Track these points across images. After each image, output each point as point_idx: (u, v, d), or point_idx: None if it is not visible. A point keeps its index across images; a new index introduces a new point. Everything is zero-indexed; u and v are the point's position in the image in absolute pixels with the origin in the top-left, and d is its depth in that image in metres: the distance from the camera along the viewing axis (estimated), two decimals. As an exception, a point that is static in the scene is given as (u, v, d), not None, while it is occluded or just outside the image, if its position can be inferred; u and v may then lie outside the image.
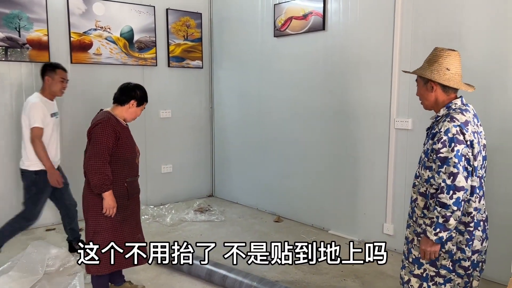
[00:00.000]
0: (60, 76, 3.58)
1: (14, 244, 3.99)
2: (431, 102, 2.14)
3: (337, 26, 4.12)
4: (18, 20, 4.16)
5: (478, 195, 2.06)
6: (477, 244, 2.07)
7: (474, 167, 2.00)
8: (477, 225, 2.07)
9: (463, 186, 1.93)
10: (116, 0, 4.75)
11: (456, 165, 1.92)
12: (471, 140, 1.97)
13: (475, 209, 2.05)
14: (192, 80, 5.48)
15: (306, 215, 4.62)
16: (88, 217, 2.74)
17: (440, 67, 2.07)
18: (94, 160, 2.59)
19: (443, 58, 2.08)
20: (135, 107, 2.81)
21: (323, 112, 4.32)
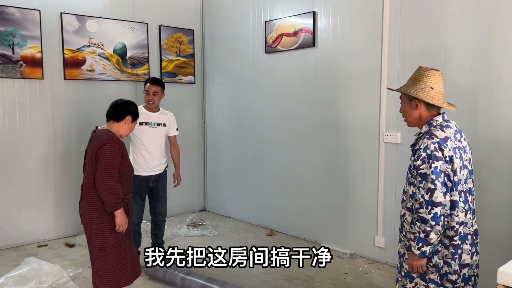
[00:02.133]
0: (146, 89, 3.84)
1: (6, 261, 3.97)
2: (414, 119, 2.20)
3: (326, 43, 4.22)
4: (12, 37, 4.20)
5: (464, 209, 2.08)
6: (466, 258, 2.09)
7: (455, 182, 2.03)
8: (464, 238, 2.10)
9: (440, 201, 1.98)
10: (109, 17, 4.82)
11: (434, 181, 1.98)
12: (450, 155, 2.01)
13: (458, 223, 2.07)
14: (185, 95, 5.54)
15: (298, 228, 4.65)
16: (93, 235, 2.71)
17: (424, 85, 2.14)
18: (107, 180, 2.60)
19: (427, 77, 2.15)
20: (130, 122, 2.86)
21: (314, 126, 4.39)
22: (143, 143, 3.79)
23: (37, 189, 4.48)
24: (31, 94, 4.39)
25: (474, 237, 2.15)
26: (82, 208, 2.76)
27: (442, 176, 1.99)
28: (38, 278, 3.19)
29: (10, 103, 4.27)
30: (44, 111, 4.46)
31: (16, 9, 4.21)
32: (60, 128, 4.58)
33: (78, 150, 4.67)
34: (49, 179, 4.55)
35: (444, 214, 2.00)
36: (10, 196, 4.34)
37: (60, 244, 4.44)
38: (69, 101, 4.61)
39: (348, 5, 4.02)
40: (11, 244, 4.34)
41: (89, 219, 2.71)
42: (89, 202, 2.70)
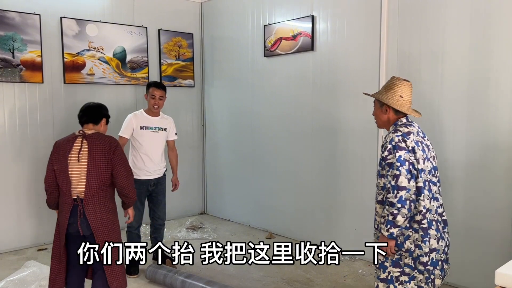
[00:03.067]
0: (151, 93, 3.83)
1: (6, 264, 3.97)
2: (383, 121, 2.47)
3: (325, 46, 4.25)
4: (12, 41, 4.22)
5: (428, 196, 2.27)
6: (433, 243, 2.26)
7: (418, 170, 2.23)
8: (430, 224, 2.27)
9: (405, 186, 2.19)
10: (109, 22, 4.84)
11: (399, 168, 2.20)
12: (412, 146, 2.25)
13: (425, 208, 2.24)
14: (184, 99, 5.56)
15: (297, 231, 4.66)
16: (110, 236, 2.67)
17: (395, 94, 2.40)
18: (131, 179, 2.80)
19: (398, 87, 2.41)
20: (105, 125, 2.92)
21: (313, 129, 4.41)
22: (143, 147, 3.80)
23: (37, 193, 4.48)
24: (31, 98, 4.41)
25: (440, 225, 2.34)
26: (90, 213, 2.63)
27: (407, 164, 2.21)
28: (38, 281, 3.20)
29: (10, 107, 4.29)
30: (44, 115, 4.48)
31: (17, 13, 4.23)
32: (60, 132, 4.58)
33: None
34: (49, 182, 4.55)
35: (409, 198, 2.20)
36: (10, 200, 4.35)
37: (60, 248, 4.44)
38: (69, 105, 4.63)
39: (346, 9, 4.05)
40: (11, 248, 4.35)
41: (102, 222, 2.65)
42: (100, 205, 2.66)
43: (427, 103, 3.51)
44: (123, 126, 3.85)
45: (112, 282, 2.68)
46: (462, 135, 3.35)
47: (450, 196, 3.43)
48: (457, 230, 3.39)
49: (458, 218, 3.39)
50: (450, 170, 3.41)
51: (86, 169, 2.63)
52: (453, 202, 3.41)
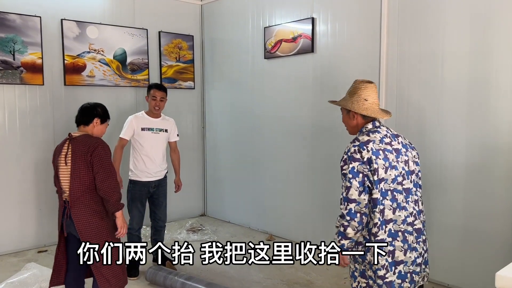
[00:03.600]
0: (152, 95, 3.85)
1: (7, 266, 3.97)
2: (352, 127, 2.39)
3: (325, 48, 4.25)
4: (12, 43, 4.23)
5: (391, 207, 2.18)
6: (399, 255, 2.18)
7: (375, 181, 2.15)
8: (394, 235, 2.18)
9: (354, 199, 2.15)
10: (110, 24, 4.85)
11: (350, 179, 2.16)
12: (368, 157, 2.16)
13: (382, 221, 2.16)
14: (184, 101, 5.56)
15: (298, 233, 4.66)
16: (94, 240, 2.63)
17: (359, 98, 2.33)
18: (109, 181, 2.62)
19: (361, 90, 2.34)
20: (100, 124, 2.84)
21: (313, 131, 4.41)
22: (144, 148, 3.80)
23: (37, 194, 4.49)
24: (32, 100, 4.41)
25: (410, 235, 2.21)
26: (76, 217, 2.65)
27: (360, 176, 2.15)
28: (39, 283, 3.20)
29: (10, 109, 4.29)
30: (44, 117, 4.48)
31: (17, 15, 4.24)
32: (60, 134, 4.58)
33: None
34: (49, 184, 4.54)
35: (360, 211, 2.15)
36: (10, 202, 4.35)
37: (60, 250, 4.44)
38: (69, 107, 4.62)
39: (347, 11, 4.05)
40: (11, 249, 4.35)
41: (88, 226, 2.65)
42: (85, 209, 2.65)
43: (427, 105, 3.51)
44: (124, 127, 3.85)
45: (103, 286, 2.68)
46: (462, 136, 3.35)
47: (449, 198, 3.43)
48: (456, 232, 3.40)
49: (457, 220, 3.39)
50: (450, 171, 3.41)
51: (69, 172, 2.65)
52: (452, 203, 3.42)
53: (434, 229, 3.45)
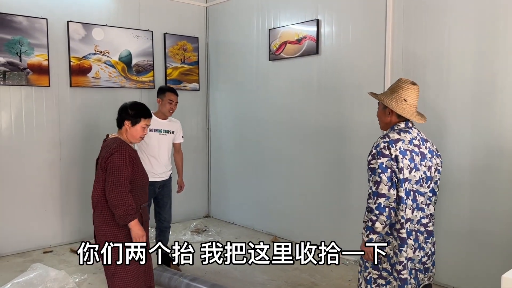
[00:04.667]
0: (168, 98, 3.89)
1: (12, 267, 4.00)
2: (385, 124, 2.40)
3: (330, 50, 4.25)
4: (19, 45, 4.26)
5: (411, 207, 2.23)
6: (409, 252, 2.23)
7: (400, 179, 2.18)
8: (409, 234, 2.24)
9: (384, 193, 2.17)
10: (115, 25, 4.88)
11: (380, 174, 2.18)
12: (396, 155, 2.18)
13: (404, 218, 2.21)
14: (189, 102, 5.58)
15: (302, 234, 4.65)
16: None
17: (399, 97, 2.32)
18: (116, 192, 2.43)
19: (403, 90, 2.33)
20: (131, 126, 2.63)
21: (318, 132, 4.41)
22: (151, 149, 3.82)
23: (43, 195, 4.52)
24: (38, 101, 4.44)
25: (421, 235, 2.29)
26: (95, 221, 2.58)
27: (389, 171, 2.17)
28: (44, 284, 3.22)
29: (17, 110, 4.32)
30: (50, 118, 4.51)
31: (24, 17, 4.27)
32: (65, 135, 4.62)
33: (83, 156, 4.73)
34: (54, 185, 4.59)
35: (389, 206, 2.18)
36: (16, 202, 4.37)
37: (65, 251, 4.46)
38: (75, 108, 4.66)
39: (351, 13, 4.06)
40: (17, 250, 4.37)
41: (103, 233, 2.52)
42: (101, 215, 2.53)
43: (432, 106, 3.50)
44: None
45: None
46: (467, 137, 3.34)
47: (455, 200, 3.42)
48: (462, 234, 3.38)
49: (463, 222, 3.37)
50: (455, 173, 3.40)
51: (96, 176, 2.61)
52: (458, 205, 3.40)
53: (439, 232, 3.42)
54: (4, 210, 4.29)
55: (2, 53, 4.17)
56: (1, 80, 4.18)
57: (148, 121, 2.68)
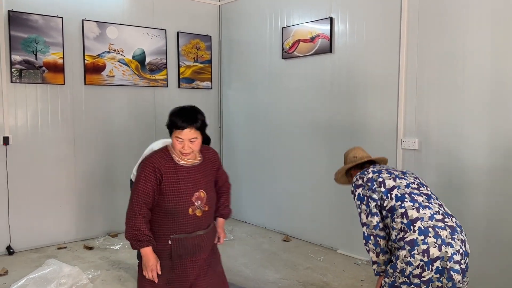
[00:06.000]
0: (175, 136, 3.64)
1: (27, 262, 4.06)
2: None
3: (344, 48, 4.22)
4: (35, 44, 4.31)
5: (413, 207, 2.18)
6: (434, 251, 2.07)
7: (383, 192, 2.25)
8: (425, 232, 2.11)
9: (364, 222, 2.28)
10: (129, 24, 4.91)
11: (359, 205, 2.31)
12: (369, 177, 2.33)
13: (410, 220, 2.14)
14: (202, 101, 5.59)
15: (314, 234, 4.64)
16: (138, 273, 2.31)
17: (349, 159, 2.61)
18: (128, 210, 2.16)
19: (348, 153, 2.64)
20: (169, 136, 2.26)
21: (331, 132, 4.39)
22: None
23: (57, 192, 4.57)
24: (53, 99, 4.49)
25: (442, 230, 2.12)
26: None
27: (365, 199, 2.29)
28: (59, 279, 3.26)
29: (32, 107, 4.38)
30: (64, 115, 4.56)
31: (40, 16, 4.32)
32: (79, 132, 4.67)
33: (97, 154, 4.78)
34: (69, 182, 4.64)
35: (372, 233, 2.26)
36: (31, 199, 4.44)
37: (79, 247, 4.51)
38: (89, 106, 4.71)
39: (366, 11, 4.02)
40: (32, 245, 4.44)
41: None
42: None
43: (447, 106, 3.46)
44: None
45: None
46: (483, 138, 3.28)
47: (470, 201, 3.37)
48: (477, 237, 3.33)
49: (478, 224, 3.32)
50: (471, 174, 3.35)
51: None
52: (473, 207, 3.35)
53: (453, 233, 3.38)
54: (20, 207, 4.35)
55: (19, 52, 4.23)
56: (18, 78, 4.24)
57: (179, 133, 2.16)
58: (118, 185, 4.86)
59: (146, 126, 5.09)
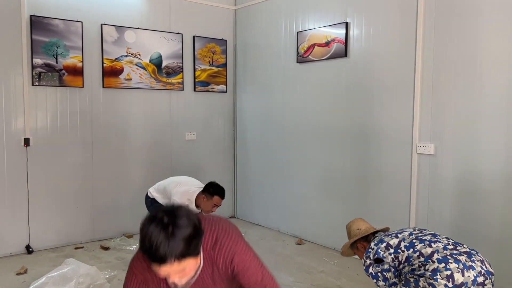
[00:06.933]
0: (215, 202, 3.74)
1: (46, 261, 4.14)
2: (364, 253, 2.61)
3: (359, 53, 4.23)
4: (56, 47, 4.41)
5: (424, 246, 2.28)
6: (458, 277, 2.09)
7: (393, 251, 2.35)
8: (444, 260, 2.15)
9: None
10: (146, 28, 4.99)
11: (377, 283, 2.44)
12: (375, 251, 2.42)
13: (426, 256, 2.22)
14: (217, 104, 5.65)
15: (328, 238, 4.65)
16: None
17: (353, 232, 2.69)
18: None
19: (351, 225, 2.73)
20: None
21: (345, 136, 4.40)
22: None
23: (75, 193, 4.66)
24: (72, 102, 4.59)
25: (461, 256, 2.18)
26: None
27: (379, 275, 2.40)
28: (77, 278, 3.32)
29: (52, 110, 4.48)
30: (83, 118, 4.65)
31: (60, 21, 4.42)
32: (97, 135, 4.75)
33: (114, 155, 4.86)
34: (86, 183, 4.73)
35: None
36: (50, 200, 4.53)
37: (96, 247, 4.59)
38: (107, 109, 4.79)
39: (381, 15, 4.03)
40: (50, 245, 4.53)
41: None
42: None
43: (464, 110, 3.45)
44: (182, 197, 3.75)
45: None
46: (501, 144, 3.26)
47: (486, 206, 3.35)
48: (492, 242, 3.31)
49: (494, 230, 3.30)
50: (488, 181, 3.33)
51: None
52: (489, 212, 3.33)
53: (468, 239, 3.37)
54: (39, 207, 4.45)
55: (40, 55, 4.33)
56: (36, 81, 4.34)
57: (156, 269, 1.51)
58: (134, 187, 4.93)
59: (162, 129, 5.17)
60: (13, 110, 4.26)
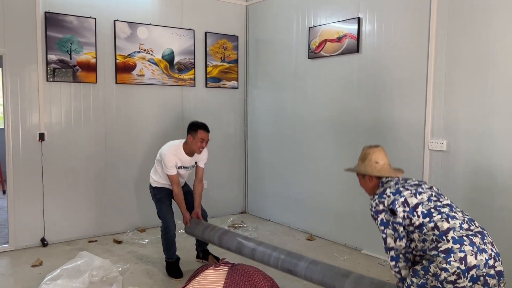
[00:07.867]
0: (200, 137, 3.71)
1: (60, 254, 4.22)
2: (370, 189, 2.62)
3: (371, 48, 4.21)
4: (70, 44, 4.47)
5: (442, 219, 2.25)
6: (471, 260, 2.10)
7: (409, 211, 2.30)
8: (460, 241, 2.15)
9: (392, 246, 2.36)
10: (159, 24, 5.02)
11: (383, 231, 2.38)
12: (391, 201, 2.35)
13: (442, 230, 2.20)
14: (228, 100, 5.67)
15: (338, 234, 4.65)
16: None
17: (370, 162, 2.58)
18: None
19: (371, 155, 2.59)
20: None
21: (356, 132, 4.38)
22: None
23: (89, 187, 4.73)
24: (85, 97, 4.65)
25: (475, 238, 2.19)
26: None
27: (391, 224, 2.35)
28: (91, 271, 3.39)
29: (66, 105, 4.55)
30: (96, 113, 4.71)
31: (74, 17, 4.48)
32: (110, 130, 4.81)
33: (126, 150, 4.92)
34: (99, 178, 4.80)
35: (399, 253, 2.35)
36: (64, 194, 4.61)
37: (109, 241, 4.66)
38: (120, 104, 4.85)
39: (394, 11, 4.00)
40: (64, 238, 4.61)
41: None
42: None
43: (476, 107, 3.41)
44: (167, 164, 3.71)
45: None
46: (514, 141, 3.23)
47: (498, 204, 3.31)
48: (505, 240, 3.28)
49: (507, 227, 3.27)
50: (501, 177, 3.29)
51: None
52: (501, 210, 3.30)
53: (482, 235, 3.34)
54: (54, 201, 4.53)
55: (54, 51, 4.40)
56: (51, 77, 4.40)
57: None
58: (146, 182, 4.96)
59: (174, 124, 5.21)
60: (28, 106, 4.34)
